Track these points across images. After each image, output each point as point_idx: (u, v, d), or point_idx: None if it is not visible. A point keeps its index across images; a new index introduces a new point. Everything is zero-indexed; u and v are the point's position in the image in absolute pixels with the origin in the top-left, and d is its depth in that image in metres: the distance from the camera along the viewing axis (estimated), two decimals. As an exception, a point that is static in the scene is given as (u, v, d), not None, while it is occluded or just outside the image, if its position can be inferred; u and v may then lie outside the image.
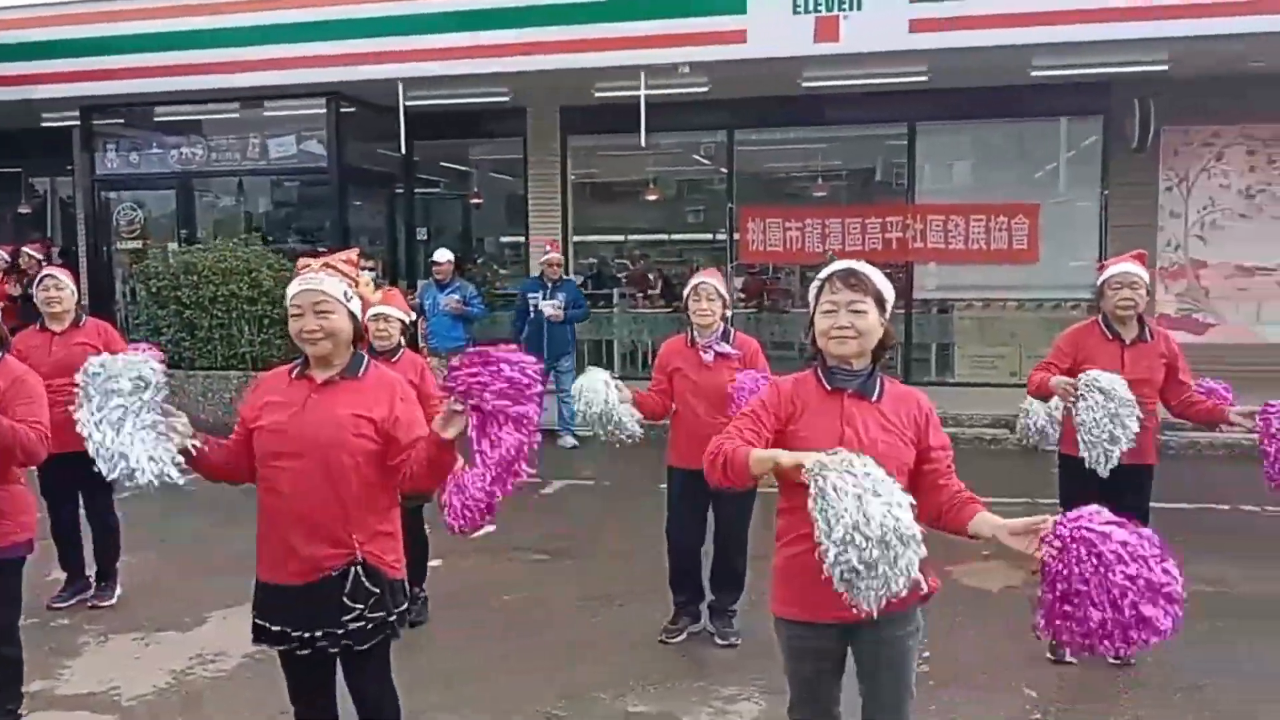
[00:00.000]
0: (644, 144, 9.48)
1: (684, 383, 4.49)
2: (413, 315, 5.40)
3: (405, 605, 2.84)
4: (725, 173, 11.57)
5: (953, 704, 3.92)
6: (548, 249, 9.50)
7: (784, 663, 2.70)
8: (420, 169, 12.61)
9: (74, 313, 5.07)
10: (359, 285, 2.82)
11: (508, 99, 10.81)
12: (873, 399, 2.53)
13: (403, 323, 4.65)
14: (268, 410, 2.75)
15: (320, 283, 2.71)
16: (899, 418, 2.52)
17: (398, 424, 2.69)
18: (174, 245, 11.40)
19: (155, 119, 11.46)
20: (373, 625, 2.72)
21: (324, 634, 2.69)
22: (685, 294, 4.59)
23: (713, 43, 8.95)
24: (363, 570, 2.70)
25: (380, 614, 2.72)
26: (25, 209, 14.18)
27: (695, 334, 4.51)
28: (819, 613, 2.52)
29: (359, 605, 2.69)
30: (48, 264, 9.05)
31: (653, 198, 12.52)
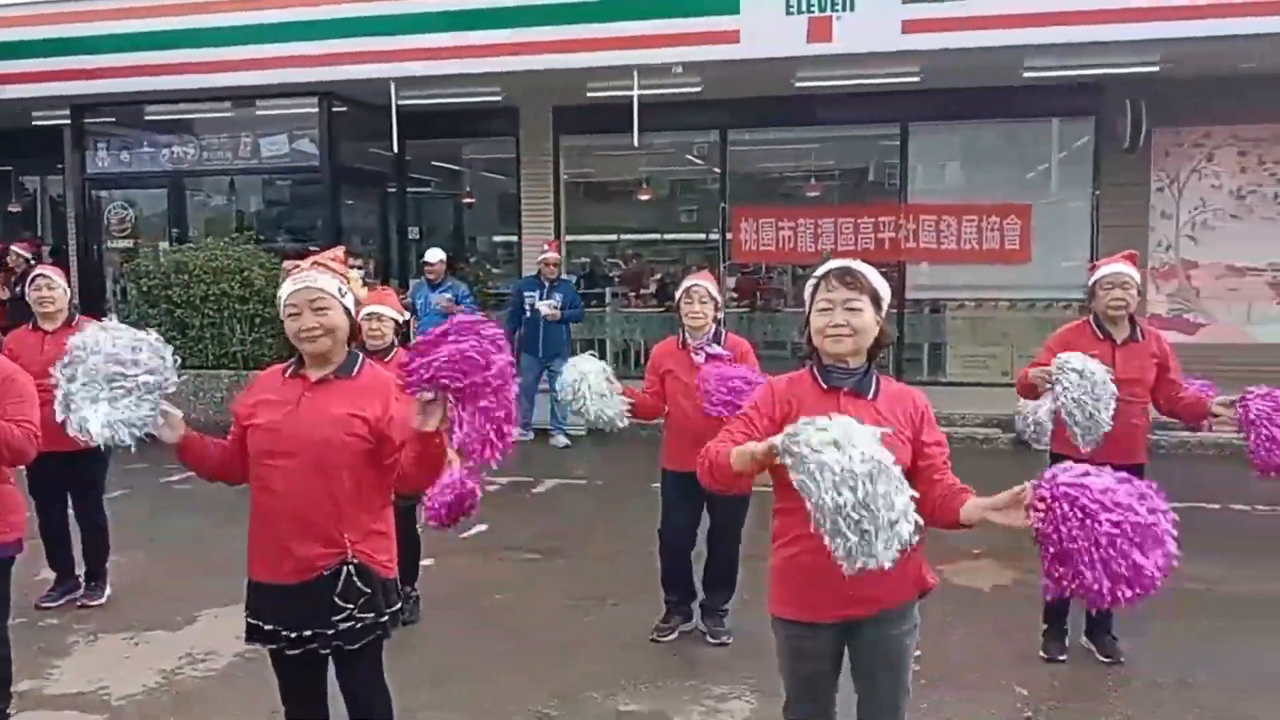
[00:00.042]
0: (637, 144, 9.50)
1: (676, 384, 4.49)
2: (406, 315, 5.39)
3: (399, 605, 2.83)
4: (718, 173, 11.56)
5: (943, 703, 3.93)
6: (546, 248, 9.50)
7: (780, 662, 2.70)
8: (412, 168, 12.60)
9: (67, 312, 5.05)
10: (350, 282, 2.81)
11: (500, 99, 10.79)
12: (869, 397, 2.53)
13: (396, 322, 4.64)
14: (262, 409, 2.75)
15: (315, 280, 2.70)
16: (895, 415, 2.52)
17: (392, 423, 2.68)
18: (165, 244, 11.40)
19: (147, 118, 11.42)
20: (363, 625, 2.71)
21: (314, 634, 2.69)
22: (677, 296, 4.59)
23: (706, 43, 8.97)
24: (355, 570, 2.69)
25: (371, 614, 2.71)
26: (15, 208, 14.14)
27: (687, 336, 4.51)
28: (818, 613, 2.53)
29: (350, 605, 2.68)
30: (37, 263, 9.02)
31: (645, 198, 12.52)
